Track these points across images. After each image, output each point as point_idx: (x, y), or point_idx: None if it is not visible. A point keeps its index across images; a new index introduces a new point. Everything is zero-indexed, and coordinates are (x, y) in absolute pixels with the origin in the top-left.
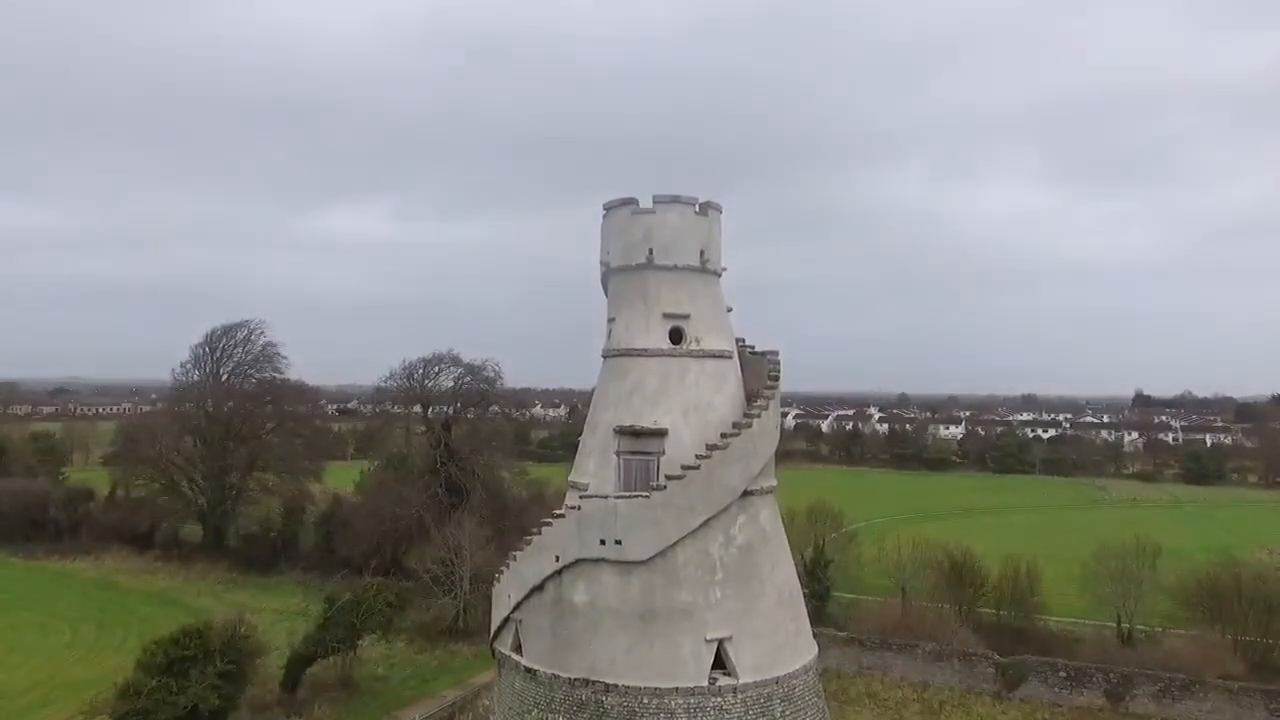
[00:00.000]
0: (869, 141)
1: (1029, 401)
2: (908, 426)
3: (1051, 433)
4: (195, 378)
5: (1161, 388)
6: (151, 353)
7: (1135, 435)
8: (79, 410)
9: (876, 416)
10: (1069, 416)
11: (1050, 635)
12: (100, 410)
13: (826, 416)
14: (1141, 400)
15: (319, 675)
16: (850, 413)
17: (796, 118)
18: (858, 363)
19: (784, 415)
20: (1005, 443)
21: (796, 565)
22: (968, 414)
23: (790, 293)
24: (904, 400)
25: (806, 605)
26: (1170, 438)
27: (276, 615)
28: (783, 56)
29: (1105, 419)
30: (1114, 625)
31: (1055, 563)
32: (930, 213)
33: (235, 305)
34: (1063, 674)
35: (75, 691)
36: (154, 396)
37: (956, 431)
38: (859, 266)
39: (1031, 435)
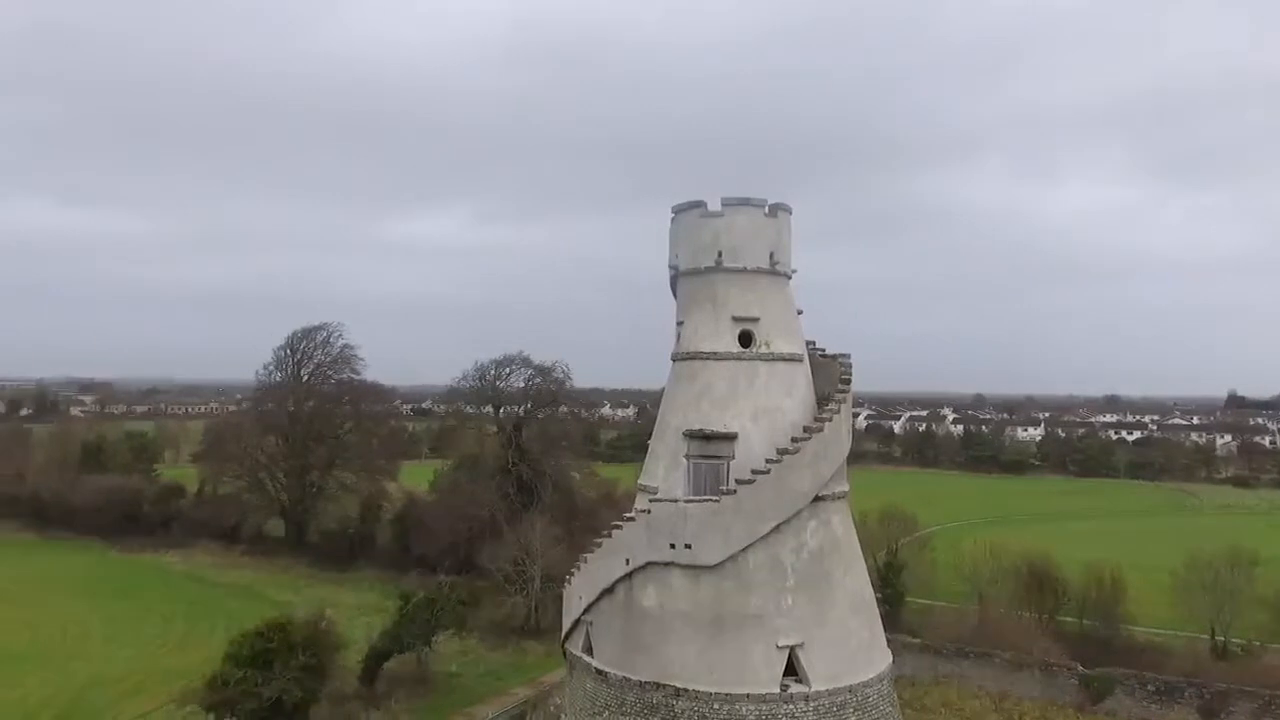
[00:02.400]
0: (943, 141)
1: (1112, 403)
2: (983, 428)
3: (1137, 435)
4: (277, 379)
5: (1257, 389)
6: (239, 354)
7: (1228, 438)
8: (170, 409)
9: (951, 417)
10: (1156, 418)
11: (1137, 647)
12: (189, 410)
13: (899, 417)
14: (1235, 401)
15: (396, 670)
16: (923, 413)
17: (868, 119)
18: (931, 362)
19: (855, 416)
20: (1087, 445)
21: (869, 569)
22: (1047, 415)
23: (861, 292)
24: (979, 401)
25: (880, 612)
26: (1267, 441)
27: (354, 610)
28: (853, 60)
29: (1195, 421)
30: (1207, 638)
31: (1142, 571)
32: (1008, 210)
33: (318, 308)
34: (1151, 688)
35: (167, 680)
36: (239, 396)
37: (1035, 433)
38: (933, 265)
39: (1115, 437)
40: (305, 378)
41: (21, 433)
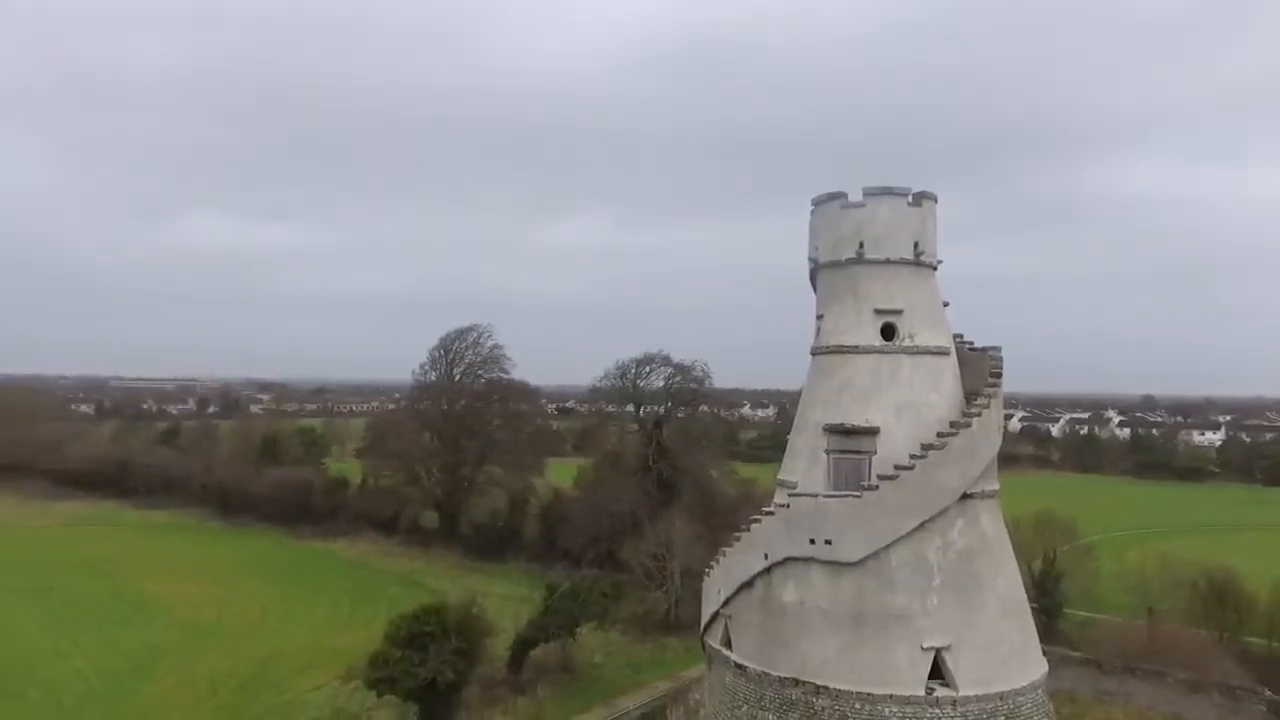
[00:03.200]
0: (1111, 128)
1: None
2: (1154, 431)
3: None
4: (432, 378)
5: None
6: (400, 355)
7: None
8: (336, 408)
9: (1116, 420)
10: None
11: None
12: (354, 408)
13: (1057, 419)
14: None
15: (541, 658)
16: (1085, 415)
17: (1030, 107)
18: (1094, 361)
19: (1008, 417)
20: (1276, 450)
21: (1024, 579)
22: (1228, 418)
23: (1019, 288)
24: (1149, 402)
25: (1035, 621)
26: None
27: (503, 600)
28: (1009, 45)
29: None
30: None
31: None
32: (1184, 198)
33: (471, 311)
34: None
35: (335, 658)
36: (398, 395)
37: (1214, 438)
38: (1099, 258)
39: None
40: (457, 377)
41: (210, 428)
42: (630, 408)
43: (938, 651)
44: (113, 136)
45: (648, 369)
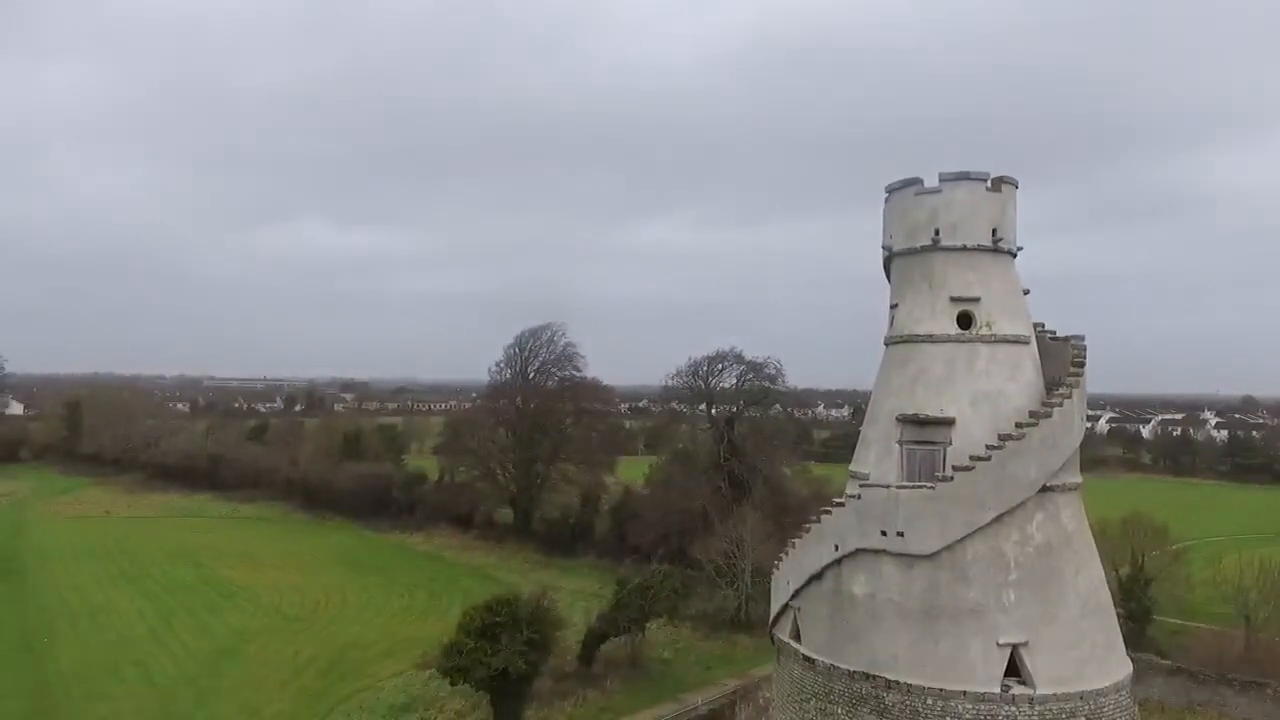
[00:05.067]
0: (1215, 120)
1: None
2: (1254, 433)
3: None
4: (507, 376)
5: None
6: (480, 355)
7: None
8: (415, 406)
9: (1213, 422)
10: None
11: None
12: (432, 406)
13: (1148, 421)
14: None
15: (611, 652)
16: (1179, 417)
17: (1127, 101)
18: (1190, 361)
19: (1095, 418)
20: None
21: (1109, 582)
22: None
23: (1112, 285)
24: (1249, 403)
25: (1121, 627)
26: None
27: (574, 595)
28: (1104, 39)
29: None
30: None
31: None
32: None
33: (551, 312)
34: None
35: (411, 647)
36: (474, 395)
37: None
38: (1198, 255)
39: None
40: (531, 375)
41: (295, 425)
42: (702, 407)
43: (1014, 648)
44: (221, 146)
45: (720, 367)
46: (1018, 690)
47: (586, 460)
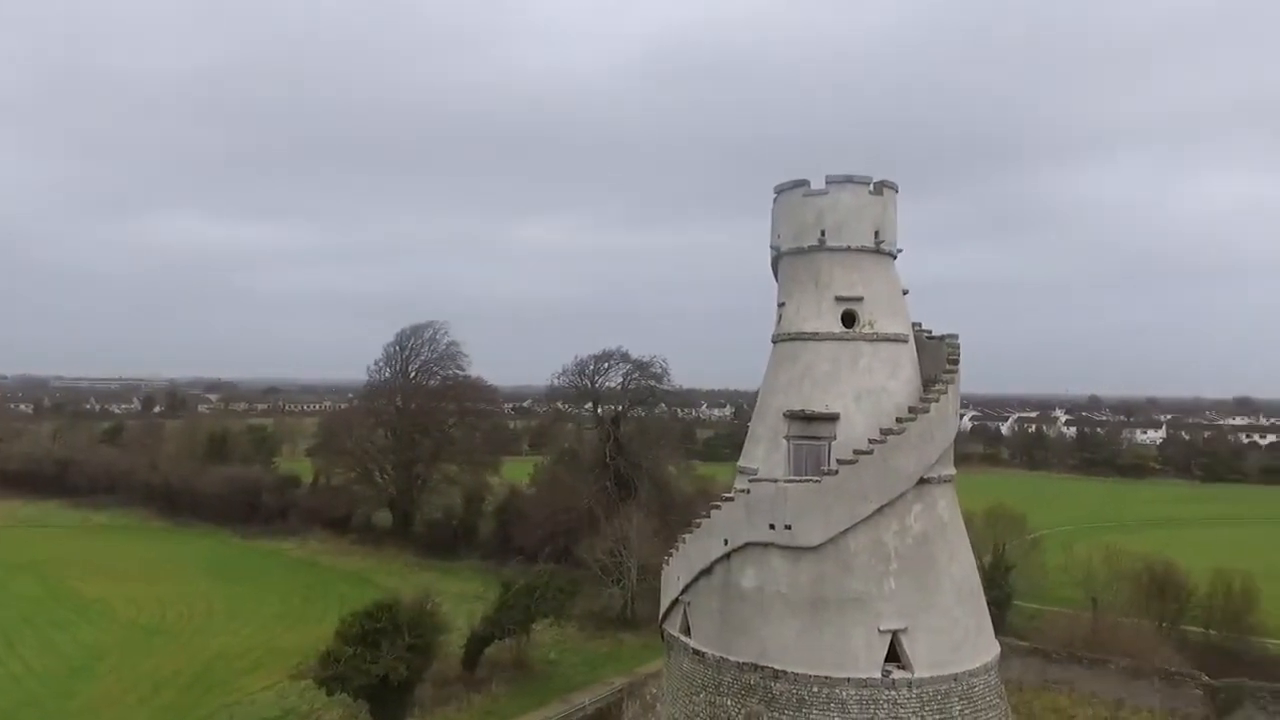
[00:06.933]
0: (1068, 141)
1: (1243, 404)
2: (1099, 430)
3: (1271, 439)
4: (387, 375)
5: None
6: (357, 355)
7: None
8: (287, 407)
9: (1063, 419)
10: None
11: (1270, 659)
12: (305, 407)
13: (1006, 419)
14: None
15: (495, 655)
16: (1033, 415)
17: (995, 122)
18: (1041, 363)
19: (960, 417)
20: (1215, 448)
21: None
22: (1169, 417)
23: (971, 293)
24: (1095, 402)
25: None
26: None
27: (457, 598)
28: (980, 65)
29: None
30: None
31: (1276, 580)
32: (1137, 207)
33: (437, 312)
34: None
35: (284, 657)
36: (351, 395)
37: (1155, 436)
38: (1049, 264)
39: (1246, 441)
40: (413, 374)
41: (154, 427)
42: (588, 406)
43: (894, 634)
44: (93, 135)
45: (606, 366)
46: (898, 675)
47: (469, 461)
